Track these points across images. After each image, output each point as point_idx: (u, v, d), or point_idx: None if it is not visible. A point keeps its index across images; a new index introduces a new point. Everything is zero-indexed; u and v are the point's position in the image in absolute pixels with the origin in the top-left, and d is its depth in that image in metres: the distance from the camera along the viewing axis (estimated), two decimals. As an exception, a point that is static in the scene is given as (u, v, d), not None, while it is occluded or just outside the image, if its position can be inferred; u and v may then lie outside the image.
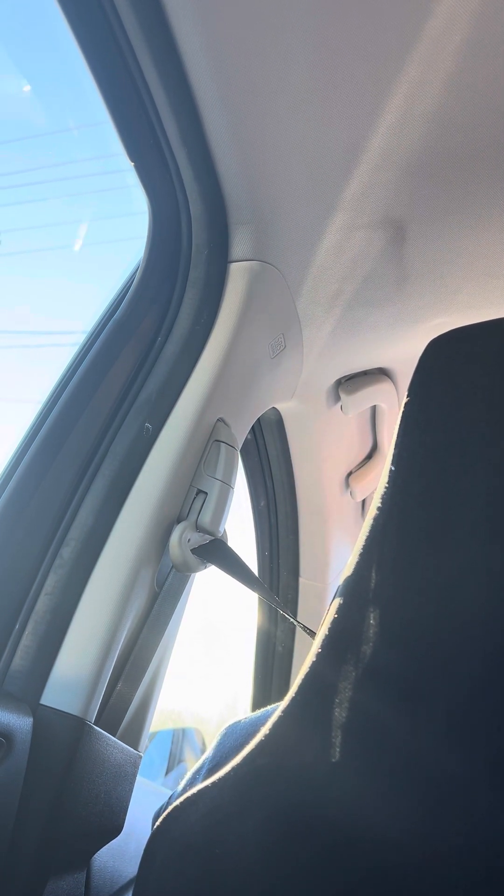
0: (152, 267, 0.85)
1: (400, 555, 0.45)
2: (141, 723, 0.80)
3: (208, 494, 0.82)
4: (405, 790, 0.39)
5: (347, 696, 0.42)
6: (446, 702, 0.40)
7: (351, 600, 0.45)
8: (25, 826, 0.62)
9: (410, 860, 0.38)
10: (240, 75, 0.69)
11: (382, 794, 0.40)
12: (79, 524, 0.74)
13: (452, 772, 0.39)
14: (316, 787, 0.42)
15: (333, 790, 0.41)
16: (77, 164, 3.75)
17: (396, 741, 0.41)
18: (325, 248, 0.88)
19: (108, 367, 0.80)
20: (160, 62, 0.68)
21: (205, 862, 0.43)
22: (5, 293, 13.84)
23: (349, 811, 0.40)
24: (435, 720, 0.40)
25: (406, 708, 0.41)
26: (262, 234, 0.86)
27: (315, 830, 0.40)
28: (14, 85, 1.53)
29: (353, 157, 0.76)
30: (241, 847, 0.42)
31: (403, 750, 0.40)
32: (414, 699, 0.41)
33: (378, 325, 1.07)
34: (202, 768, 0.56)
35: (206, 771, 0.54)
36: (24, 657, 0.68)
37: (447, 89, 0.69)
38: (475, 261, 0.93)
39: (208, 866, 0.43)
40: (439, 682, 0.40)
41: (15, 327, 11.28)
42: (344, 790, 0.41)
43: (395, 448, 0.48)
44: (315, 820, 0.41)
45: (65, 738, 0.66)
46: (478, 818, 0.37)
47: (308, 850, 0.40)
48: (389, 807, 0.39)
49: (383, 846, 0.38)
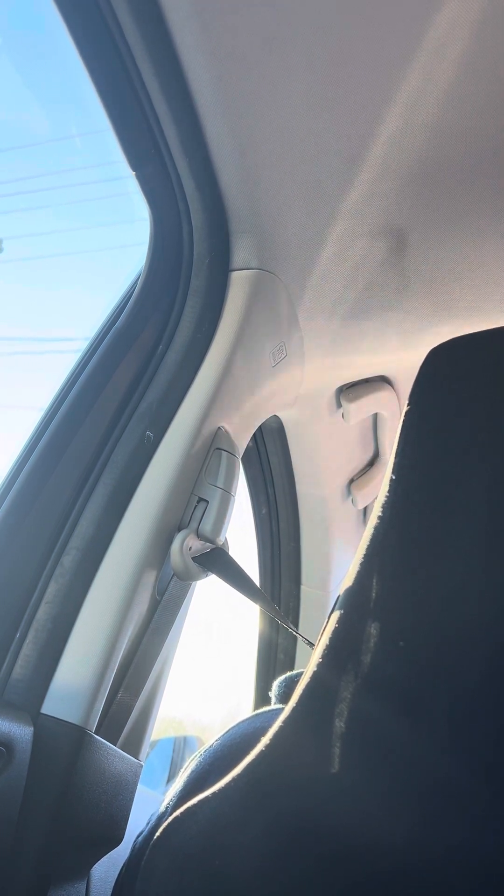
0: (153, 276, 0.85)
1: (400, 564, 0.45)
2: (142, 732, 0.80)
3: (209, 502, 0.82)
4: (406, 799, 0.39)
5: (348, 705, 0.42)
6: (447, 711, 0.40)
7: (351, 610, 0.45)
8: (26, 835, 0.62)
9: (412, 869, 0.37)
10: (241, 85, 0.69)
11: (384, 803, 0.39)
12: (80, 532, 0.74)
13: (453, 780, 0.39)
14: (317, 797, 0.41)
15: (334, 799, 0.41)
16: (78, 172, 3.77)
17: (397, 750, 0.41)
18: (326, 256, 0.88)
19: (109, 376, 0.80)
20: (162, 73, 0.69)
21: (205, 872, 0.43)
22: (6, 300, 13.90)
23: (350, 820, 0.40)
24: (436, 729, 0.40)
25: (407, 717, 0.41)
26: (264, 242, 0.86)
27: (316, 840, 0.40)
28: (16, 93, 1.54)
29: (354, 166, 0.76)
30: (242, 857, 0.42)
31: (404, 759, 0.40)
32: (415, 708, 0.41)
33: (379, 333, 1.07)
34: (195, 774, 0.55)
35: (195, 779, 0.54)
36: (25, 666, 0.68)
37: (447, 99, 0.69)
38: (476, 269, 0.93)
39: (209, 877, 0.43)
40: (440, 691, 0.40)
41: (16, 334, 11.31)
42: (345, 799, 0.41)
43: (396, 457, 0.48)
44: (316, 829, 0.41)
45: (65, 748, 0.65)
46: (479, 827, 0.37)
47: (309, 859, 0.40)
48: (391, 815, 0.39)
49: (385, 855, 0.38)
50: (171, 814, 0.48)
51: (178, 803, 0.50)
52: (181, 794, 0.53)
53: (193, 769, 0.56)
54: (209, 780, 0.49)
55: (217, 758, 0.54)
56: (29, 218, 5.67)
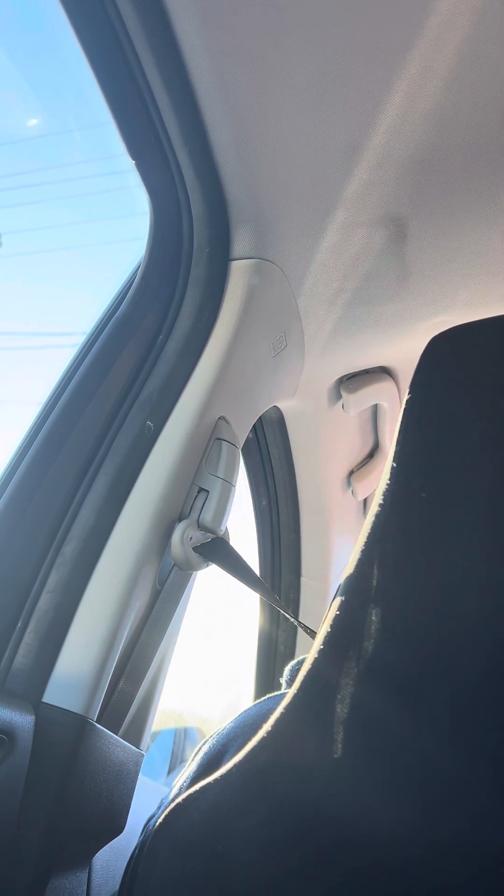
0: (153, 265, 0.85)
1: (401, 551, 0.45)
2: (143, 721, 0.80)
3: (210, 492, 0.82)
4: (407, 786, 0.39)
5: (349, 692, 0.42)
6: (448, 698, 0.40)
7: (352, 597, 0.45)
8: (28, 824, 0.62)
9: (412, 856, 0.38)
10: (241, 74, 0.69)
11: (384, 791, 0.40)
12: (80, 522, 0.74)
13: (454, 768, 0.39)
14: (318, 784, 0.42)
15: (335, 787, 0.41)
16: (77, 166, 3.76)
17: (398, 738, 0.41)
18: (326, 245, 0.88)
19: (109, 366, 0.80)
20: (162, 61, 0.68)
21: (207, 859, 0.43)
22: (5, 295, 13.85)
23: (351, 808, 0.40)
24: (437, 717, 0.40)
25: (408, 704, 0.41)
26: (264, 232, 0.86)
27: (317, 827, 0.40)
28: (15, 87, 1.53)
29: (354, 155, 0.76)
30: (244, 844, 0.42)
31: (405, 746, 0.40)
32: (416, 696, 0.41)
33: (379, 322, 1.07)
34: (207, 756, 0.56)
35: (208, 762, 0.54)
36: (26, 655, 0.68)
37: (447, 87, 0.69)
38: (476, 258, 0.93)
39: (210, 863, 0.43)
40: (441, 678, 0.40)
41: (14, 328, 11.25)
42: (346, 787, 0.41)
43: (397, 444, 0.48)
44: (317, 816, 0.41)
45: (67, 736, 0.65)
46: (479, 814, 0.37)
47: (310, 846, 0.40)
48: (391, 803, 0.39)
49: (385, 843, 0.38)
50: (177, 798, 0.48)
51: (190, 786, 0.50)
52: (194, 777, 0.53)
53: (206, 752, 0.56)
54: (221, 763, 0.50)
55: (229, 739, 0.55)
56: (26, 213, 5.66)
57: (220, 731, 0.57)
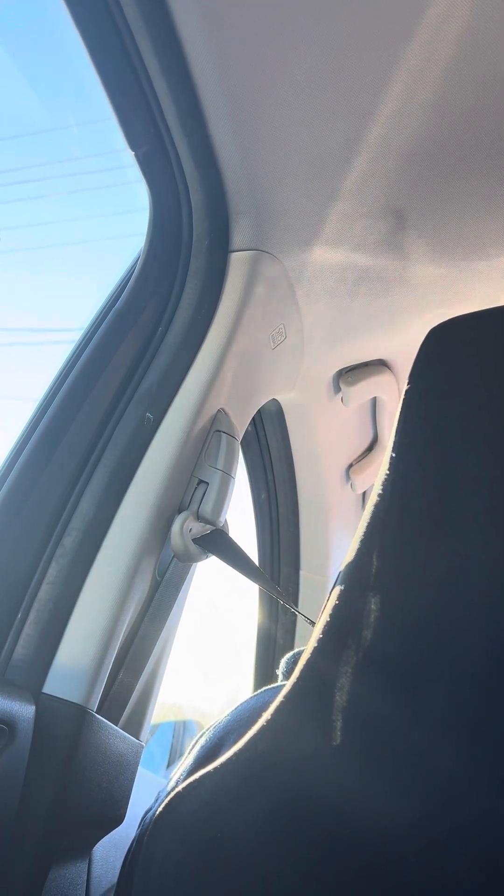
0: (153, 257, 0.85)
1: (401, 541, 0.45)
2: (143, 712, 0.80)
3: (209, 484, 0.82)
4: (406, 776, 0.39)
5: (349, 681, 0.42)
6: (448, 687, 0.40)
7: (352, 586, 0.45)
8: (28, 814, 0.62)
9: (411, 847, 0.38)
10: (240, 64, 0.68)
11: (383, 781, 0.40)
12: (80, 514, 0.74)
13: (453, 758, 0.39)
14: (317, 773, 0.42)
15: (335, 776, 0.41)
16: (77, 162, 3.74)
17: (397, 727, 0.41)
18: (325, 237, 0.88)
19: (109, 358, 0.80)
20: (161, 51, 0.68)
21: (207, 847, 0.43)
22: (4, 290, 13.81)
23: (350, 796, 0.40)
24: (436, 706, 0.40)
25: (407, 694, 0.41)
26: (263, 223, 0.86)
27: (316, 816, 0.40)
28: (14, 80, 1.53)
29: (354, 146, 0.76)
30: (243, 832, 0.42)
31: (404, 736, 0.40)
32: (415, 685, 0.41)
33: (379, 315, 1.07)
34: (204, 749, 0.56)
35: (205, 754, 0.54)
36: (27, 646, 0.68)
37: (447, 77, 0.69)
38: (476, 250, 0.92)
39: (210, 852, 0.43)
40: (441, 668, 0.40)
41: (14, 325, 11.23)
42: (345, 776, 0.41)
43: (396, 435, 0.48)
44: (316, 805, 0.41)
45: (67, 727, 0.66)
46: (478, 806, 0.37)
47: (309, 835, 0.40)
48: (390, 793, 0.39)
49: (384, 833, 0.38)
50: (176, 788, 0.49)
51: (188, 778, 0.50)
52: (190, 769, 0.54)
53: (203, 745, 0.56)
54: (218, 755, 0.50)
55: (226, 731, 0.55)
56: (25, 208, 5.63)
57: (217, 724, 0.58)
